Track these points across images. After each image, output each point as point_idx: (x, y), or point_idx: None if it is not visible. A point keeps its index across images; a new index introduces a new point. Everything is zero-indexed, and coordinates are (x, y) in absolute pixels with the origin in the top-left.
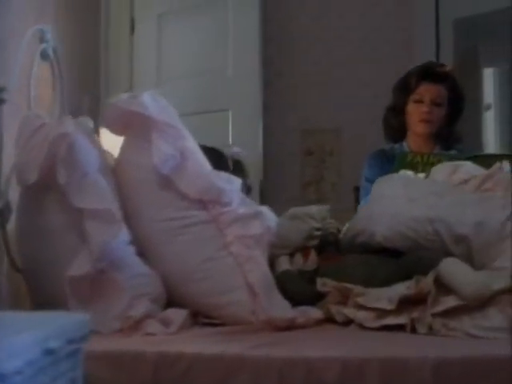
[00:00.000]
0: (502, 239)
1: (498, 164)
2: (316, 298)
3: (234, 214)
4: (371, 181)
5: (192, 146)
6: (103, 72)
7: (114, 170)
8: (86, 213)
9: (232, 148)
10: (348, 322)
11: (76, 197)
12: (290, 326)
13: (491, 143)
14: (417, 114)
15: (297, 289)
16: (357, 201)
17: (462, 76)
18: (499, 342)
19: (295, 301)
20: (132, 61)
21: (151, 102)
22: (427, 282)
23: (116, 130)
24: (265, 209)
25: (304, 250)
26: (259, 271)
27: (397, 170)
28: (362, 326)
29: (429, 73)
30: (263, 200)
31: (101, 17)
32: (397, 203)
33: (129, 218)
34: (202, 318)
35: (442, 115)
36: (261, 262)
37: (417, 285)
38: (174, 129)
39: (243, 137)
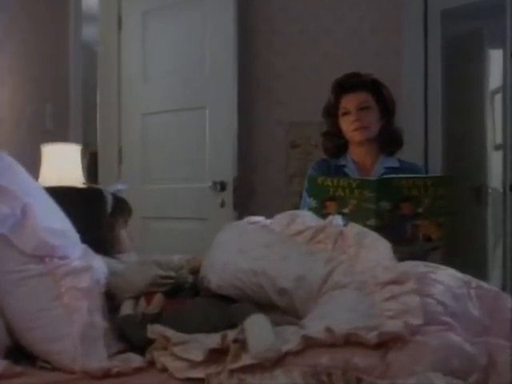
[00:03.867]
0: (320, 294)
1: (331, 217)
2: (149, 344)
3: (68, 267)
4: None
5: (37, 202)
6: (73, 78)
7: None
8: None
9: (116, 185)
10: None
11: None
12: (107, 375)
13: (498, 129)
14: (348, 126)
15: (131, 334)
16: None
17: (464, 59)
18: None
19: (132, 345)
20: (120, 57)
21: None
22: (231, 336)
23: None
24: (98, 262)
25: (148, 294)
26: (82, 322)
27: (308, 193)
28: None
29: (344, 85)
30: (236, 195)
31: (70, 17)
32: (229, 252)
33: None
34: (41, 361)
35: (375, 118)
36: (85, 313)
37: (222, 338)
38: (14, 190)
39: (219, 134)
